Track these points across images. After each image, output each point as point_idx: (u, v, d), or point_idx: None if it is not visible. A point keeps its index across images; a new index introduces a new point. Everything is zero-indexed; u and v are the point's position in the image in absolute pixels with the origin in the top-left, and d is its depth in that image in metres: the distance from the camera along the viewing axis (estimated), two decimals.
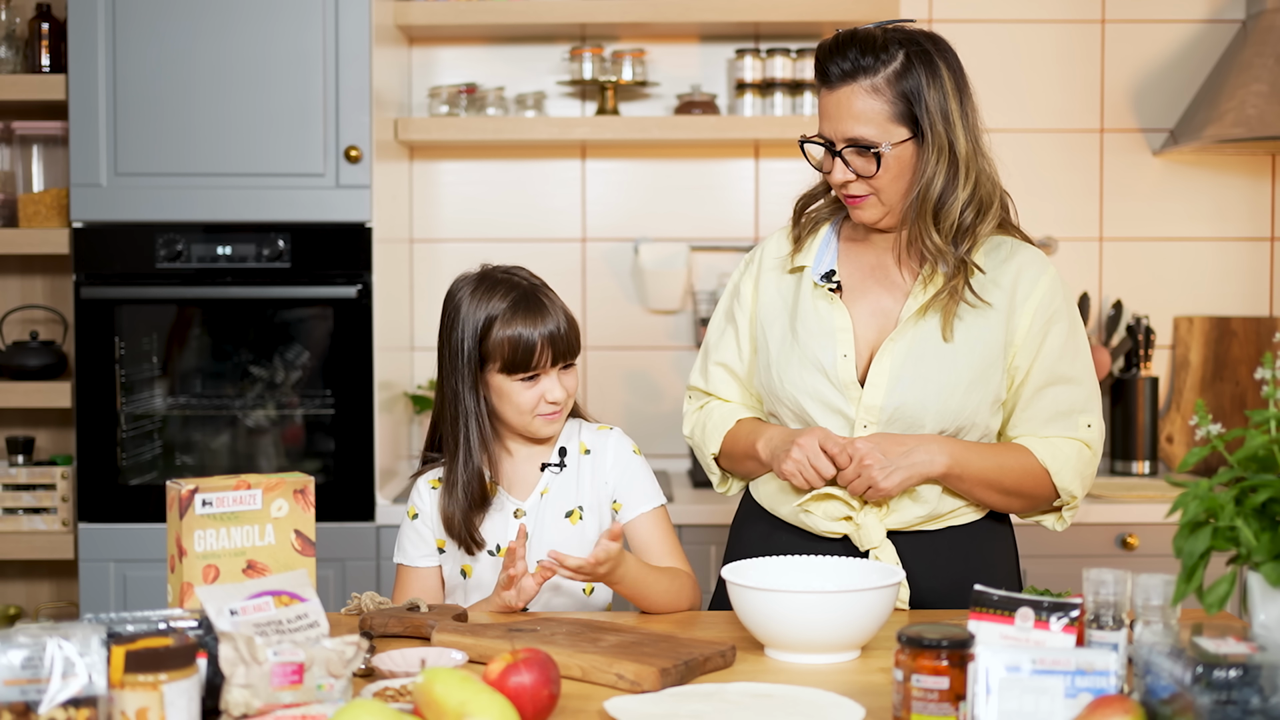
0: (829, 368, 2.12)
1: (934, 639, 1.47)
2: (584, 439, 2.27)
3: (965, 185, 2.07)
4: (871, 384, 2.10)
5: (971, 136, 2.08)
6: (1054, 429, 2.14)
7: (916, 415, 2.09)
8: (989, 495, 2.12)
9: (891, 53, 2.05)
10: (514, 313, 2.16)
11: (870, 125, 2.05)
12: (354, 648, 1.55)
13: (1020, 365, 2.12)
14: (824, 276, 2.17)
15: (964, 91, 2.09)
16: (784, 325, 2.20)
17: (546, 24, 3.60)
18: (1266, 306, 3.81)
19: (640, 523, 2.23)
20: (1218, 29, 3.76)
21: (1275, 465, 1.51)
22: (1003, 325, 2.11)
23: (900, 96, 2.04)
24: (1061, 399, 2.14)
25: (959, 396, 2.09)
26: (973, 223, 2.08)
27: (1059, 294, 2.14)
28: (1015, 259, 2.14)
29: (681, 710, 1.58)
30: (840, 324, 2.14)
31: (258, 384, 3.41)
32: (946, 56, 2.09)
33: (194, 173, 3.30)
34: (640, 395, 3.79)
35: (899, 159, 2.06)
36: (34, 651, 1.40)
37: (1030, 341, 2.11)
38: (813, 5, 3.50)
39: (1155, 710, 1.41)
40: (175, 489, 1.78)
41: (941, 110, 2.05)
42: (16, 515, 3.44)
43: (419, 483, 2.28)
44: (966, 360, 2.09)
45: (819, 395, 2.13)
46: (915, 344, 2.10)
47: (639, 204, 3.82)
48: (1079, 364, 2.15)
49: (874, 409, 2.10)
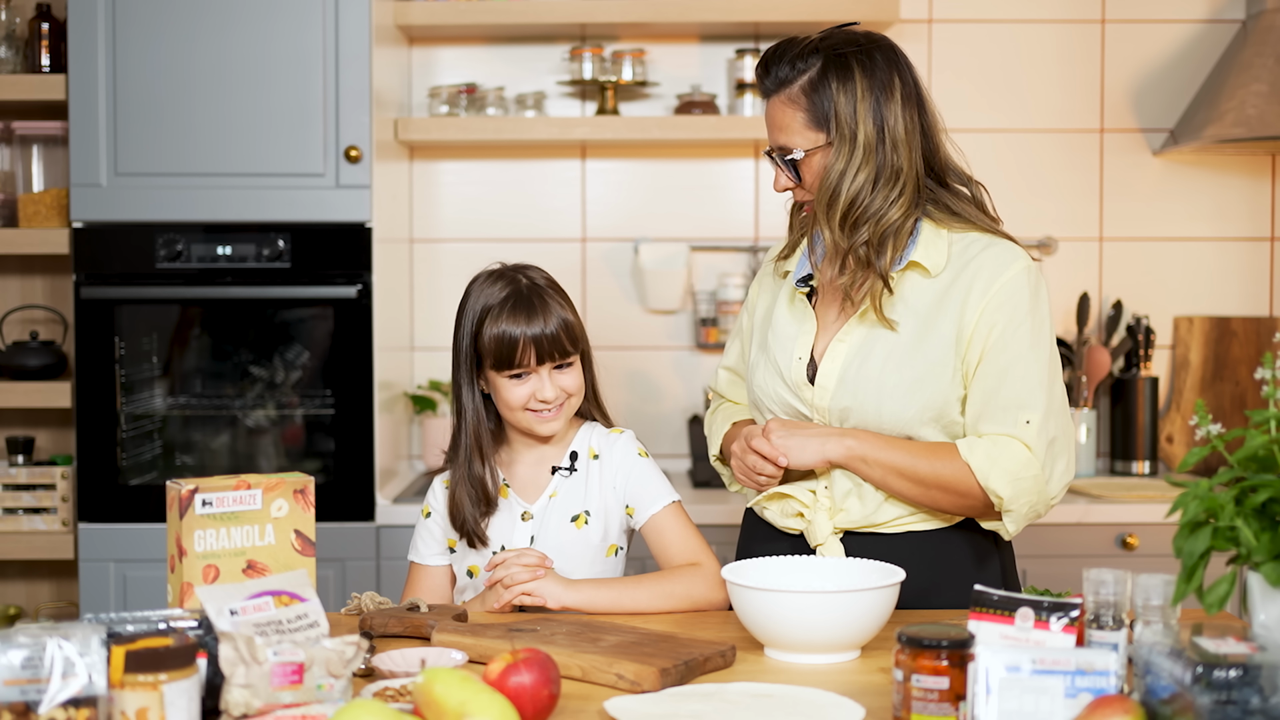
0: (784, 369, 2.17)
1: (934, 639, 1.47)
2: (594, 443, 2.27)
3: (859, 174, 2.06)
4: (820, 385, 2.13)
5: (884, 129, 2.06)
6: (995, 424, 2.07)
7: (868, 416, 2.09)
8: (904, 486, 2.07)
9: (810, 62, 2.09)
10: (504, 310, 2.18)
11: (791, 134, 2.10)
12: (354, 648, 1.55)
13: (971, 361, 2.08)
14: (801, 280, 2.20)
15: (885, 88, 2.07)
16: (764, 327, 2.25)
17: (546, 24, 3.60)
18: (1266, 306, 3.81)
19: (655, 523, 2.23)
20: (1218, 29, 3.76)
21: (1275, 465, 1.51)
22: (955, 321, 2.07)
23: (813, 104, 2.08)
24: (1006, 393, 2.06)
25: (902, 394, 2.06)
26: (875, 211, 2.06)
27: (1021, 287, 2.07)
28: (982, 255, 2.09)
29: (681, 710, 1.58)
30: (805, 327, 2.17)
31: (258, 384, 3.41)
32: (865, 58, 2.08)
33: (194, 173, 3.30)
34: (640, 395, 3.79)
35: (819, 163, 2.10)
36: (34, 651, 1.40)
37: (979, 333, 2.06)
38: (813, 5, 3.50)
39: (1155, 710, 1.41)
40: (175, 489, 1.78)
41: (850, 111, 2.06)
42: (16, 515, 3.44)
43: (435, 481, 2.30)
44: (912, 359, 2.07)
45: (778, 397, 2.17)
46: (863, 345, 2.10)
47: (639, 204, 3.82)
48: (1031, 359, 2.07)
49: (824, 410, 2.12)
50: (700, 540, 2.24)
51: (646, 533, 2.24)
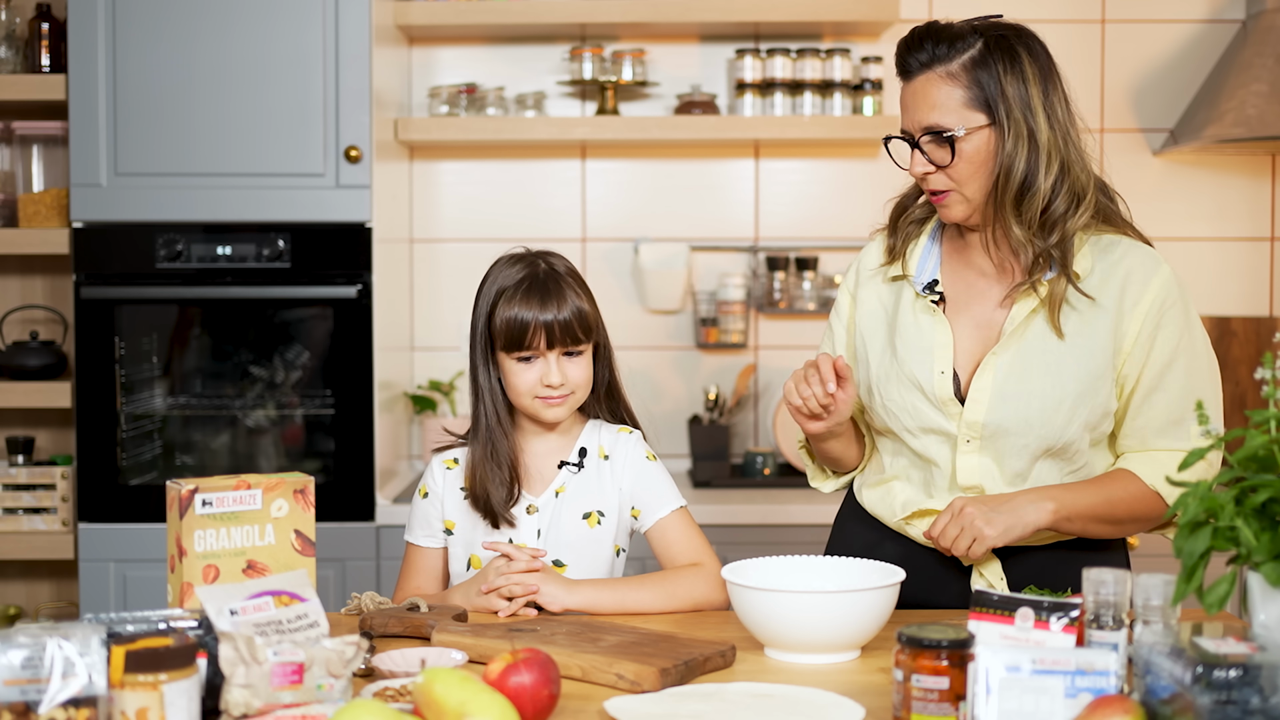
0: (926, 385, 2.05)
1: (934, 639, 1.47)
2: (604, 441, 2.27)
3: (1048, 173, 1.98)
4: (973, 400, 2.03)
5: (1057, 125, 2.00)
6: (1165, 440, 2.04)
7: (1020, 431, 2.02)
8: (1102, 529, 2.05)
9: (969, 41, 2.00)
10: (517, 292, 2.17)
11: (945, 112, 1.99)
12: (354, 648, 1.55)
13: (1130, 373, 2.03)
14: (926, 287, 2.10)
15: (1049, 80, 2.02)
16: (884, 339, 2.13)
17: (546, 24, 3.60)
18: (1266, 306, 3.81)
19: (660, 527, 2.23)
20: (1218, 29, 3.76)
21: (1275, 465, 1.51)
22: (1111, 332, 2.02)
23: (976, 82, 1.98)
24: (1172, 406, 2.03)
25: (1065, 411, 2.01)
26: (1063, 215, 2.00)
27: (1172, 294, 2.03)
28: (1127, 260, 2.04)
29: (681, 710, 1.58)
30: (941, 339, 2.06)
31: (258, 384, 3.41)
32: (1029, 44, 2.02)
33: (194, 173, 3.30)
34: (640, 395, 3.77)
35: (976, 146, 1.99)
36: (34, 651, 1.40)
37: (1140, 346, 2.02)
38: (813, 5, 3.50)
39: (1155, 710, 1.41)
40: (175, 489, 1.78)
41: (1020, 96, 1.98)
42: (16, 515, 3.44)
43: (434, 461, 2.29)
44: (1073, 372, 2.01)
45: (917, 413, 2.07)
46: (1019, 357, 2.03)
47: (639, 204, 3.82)
48: (1193, 369, 2.03)
49: (976, 425, 2.03)
50: (703, 542, 2.23)
51: (651, 536, 2.24)
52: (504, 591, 2.07)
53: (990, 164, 2.00)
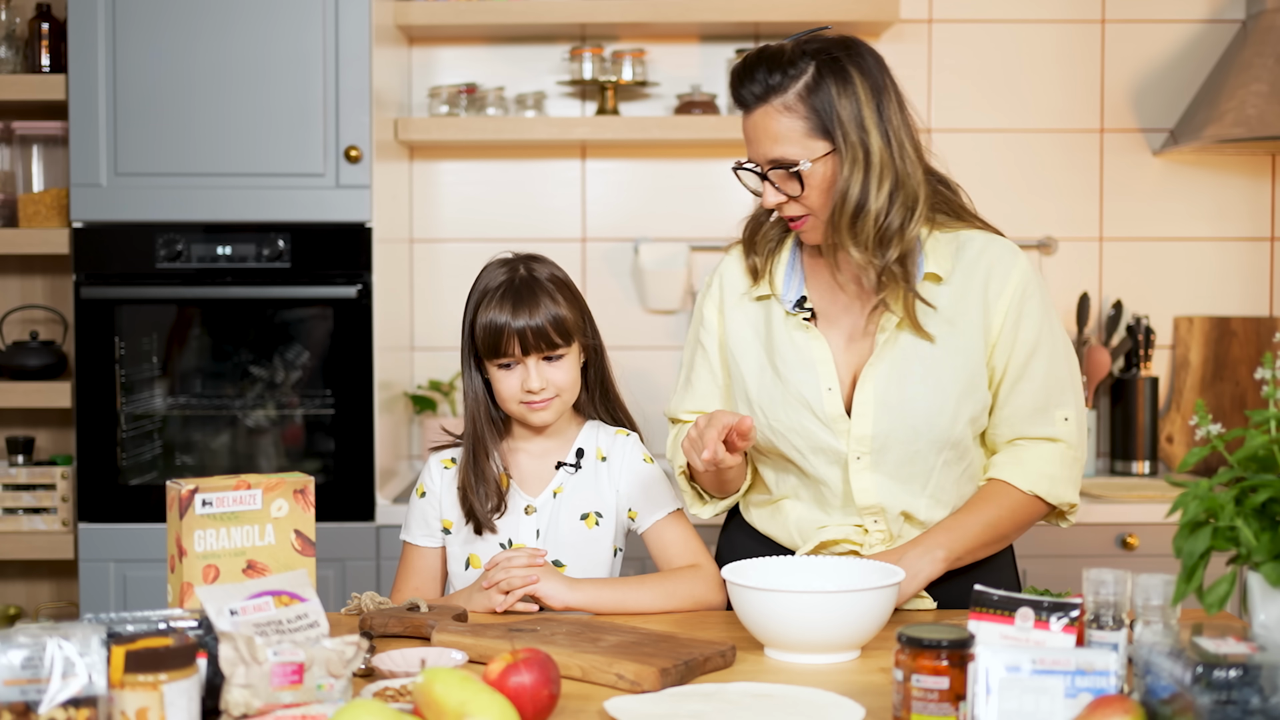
0: (815, 404, 2.06)
1: (934, 639, 1.47)
2: (601, 443, 2.28)
3: (880, 191, 1.98)
4: (858, 414, 2.05)
5: (890, 137, 1.99)
6: (1032, 427, 2.08)
7: (908, 439, 2.04)
8: (993, 549, 2.10)
9: (800, 67, 1.97)
10: (494, 298, 2.19)
11: (789, 144, 1.98)
12: (354, 648, 1.55)
13: (997, 364, 2.06)
14: (795, 304, 2.11)
15: (882, 92, 2.00)
16: (759, 358, 2.13)
17: (546, 24, 3.60)
18: (1266, 306, 3.81)
19: (657, 529, 2.24)
20: (1218, 29, 3.76)
21: (1275, 465, 1.51)
22: (980, 327, 2.05)
23: (814, 110, 1.97)
24: (1037, 393, 2.07)
25: (950, 412, 2.04)
26: (899, 229, 1.99)
27: (1031, 283, 2.07)
28: (986, 254, 2.07)
29: (681, 710, 1.58)
30: (820, 355, 2.08)
31: (258, 384, 3.41)
32: (859, 61, 2.00)
33: (194, 173, 3.30)
34: (639, 395, 3.79)
35: (823, 174, 1.99)
36: (34, 651, 1.40)
37: (1005, 336, 2.05)
38: (813, 5, 3.50)
39: (1155, 710, 1.41)
40: (175, 489, 1.78)
41: (855, 118, 1.96)
42: (16, 515, 3.44)
43: (431, 460, 2.30)
44: (951, 373, 2.04)
45: (807, 433, 2.07)
46: (896, 365, 2.05)
47: (639, 204, 3.82)
48: (1053, 354, 2.08)
49: (864, 439, 2.05)
50: (700, 543, 2.25)
51: (648, 538, 2.25)
52: (503, 585, 2.07)
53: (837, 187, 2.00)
